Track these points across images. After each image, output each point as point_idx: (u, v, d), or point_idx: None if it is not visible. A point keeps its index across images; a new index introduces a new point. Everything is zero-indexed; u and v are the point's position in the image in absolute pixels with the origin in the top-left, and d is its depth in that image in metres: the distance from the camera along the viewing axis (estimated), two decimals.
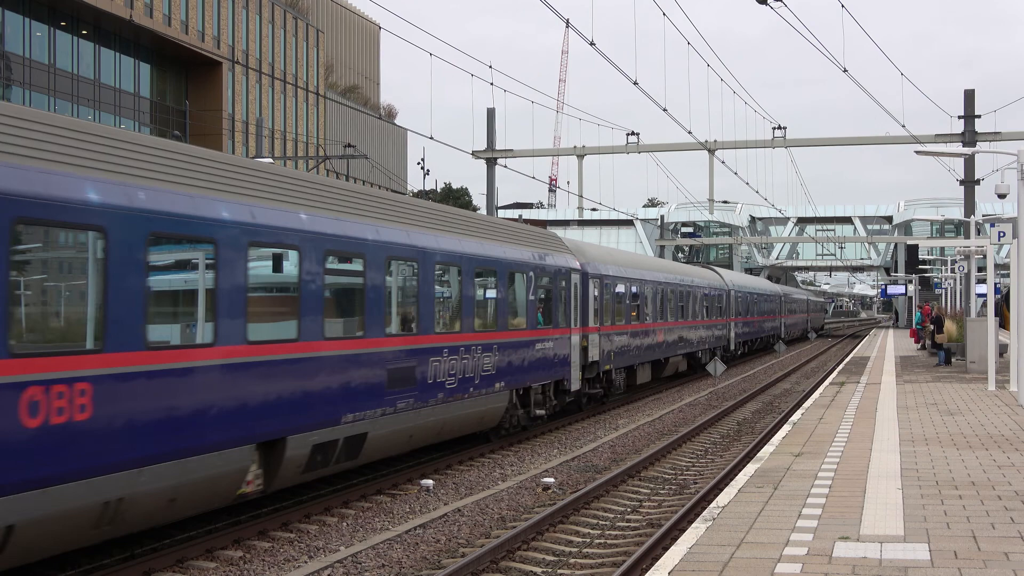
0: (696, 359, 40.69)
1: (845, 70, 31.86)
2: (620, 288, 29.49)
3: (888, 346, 57.16)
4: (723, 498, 12.41)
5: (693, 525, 11.02)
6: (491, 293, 20.03)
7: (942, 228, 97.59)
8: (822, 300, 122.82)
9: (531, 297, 21.57)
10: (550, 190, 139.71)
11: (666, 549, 10.47)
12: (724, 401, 30.87)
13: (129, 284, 10.55)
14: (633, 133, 49.42)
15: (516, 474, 17.96)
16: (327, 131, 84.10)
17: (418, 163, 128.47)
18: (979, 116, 40.90)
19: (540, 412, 22.52)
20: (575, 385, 24.50)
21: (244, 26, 74.57)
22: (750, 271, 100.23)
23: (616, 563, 11.92)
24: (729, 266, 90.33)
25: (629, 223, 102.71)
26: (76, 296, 10.65)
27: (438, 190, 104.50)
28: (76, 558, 11.33)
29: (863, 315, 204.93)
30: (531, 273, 21.60)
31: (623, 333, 29.19)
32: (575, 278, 24.69)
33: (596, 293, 26.54)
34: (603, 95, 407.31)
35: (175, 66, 68.10)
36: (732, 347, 48.11)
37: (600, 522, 14.38)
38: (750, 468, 14.66)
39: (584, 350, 25.29)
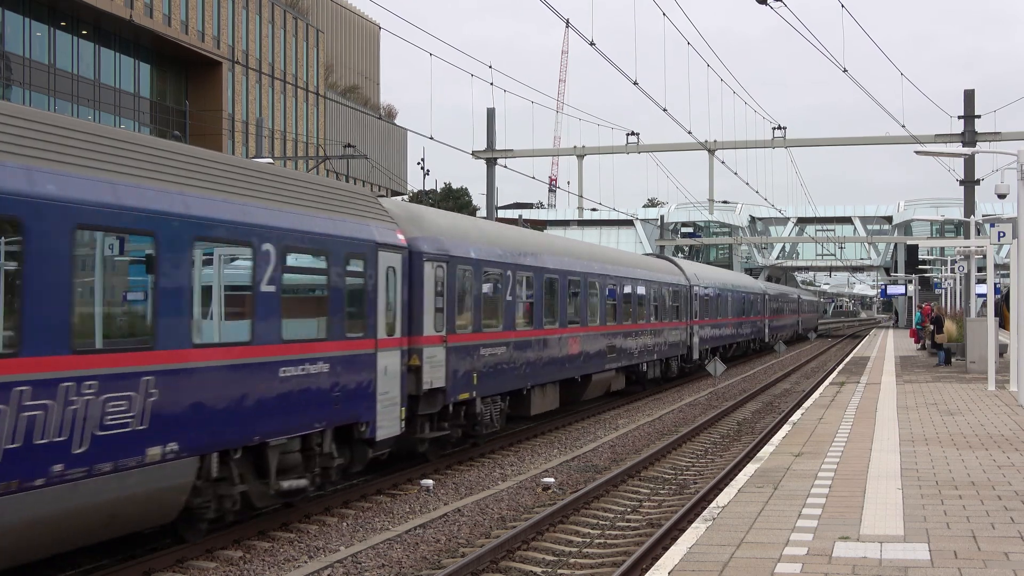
0: (640, 373, 31.91)
1: (845, 70, 31.89)
2: (493, 278, 20.38)
3: (888, 346, 57.18)
4: (723, 498, 12.42)
5: (693, 525, 11.03)
6: (140, 281, 11.29)
7: (942, 228, 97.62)
8: (816, 299, 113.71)
9: (267, 288, 12.73)
10: (550, 190, 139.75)
11: (666, 549, 10.48)
12: (724, 401, 30.87)
13: None
14: (633, 133, 49.47)
15: (516, 474, 17.97)
16: (327, 131, 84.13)
17: (418, 163, 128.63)
18: (979, 116, 40.95)
19: (297, 484, 13.54)
20: (387, 429, 15.58)
21: (244, 26, 74.60)
22: (750, 271, 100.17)
23: (616, 563, 11.93)
24: (729, 266, 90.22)
25: (629, 223, 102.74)
26: None
27: (438, 190, 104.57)
28: (76, 558, 11.33)
29: (863, 315, 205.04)
30: (268, 246, 12.73)
31: (497, 344, 20.18)
32: (389, 260, 15.76)
33: (441, 285, 17.83)
34: (603, 95, 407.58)
35: (175, 66, 68.12)
36: (696, 355, 38.92)
37: (600, 522, 14.39)
38: (750, 468, 14.67)
39: (415, 372, 16.83)
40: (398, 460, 17.75)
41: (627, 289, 30.16)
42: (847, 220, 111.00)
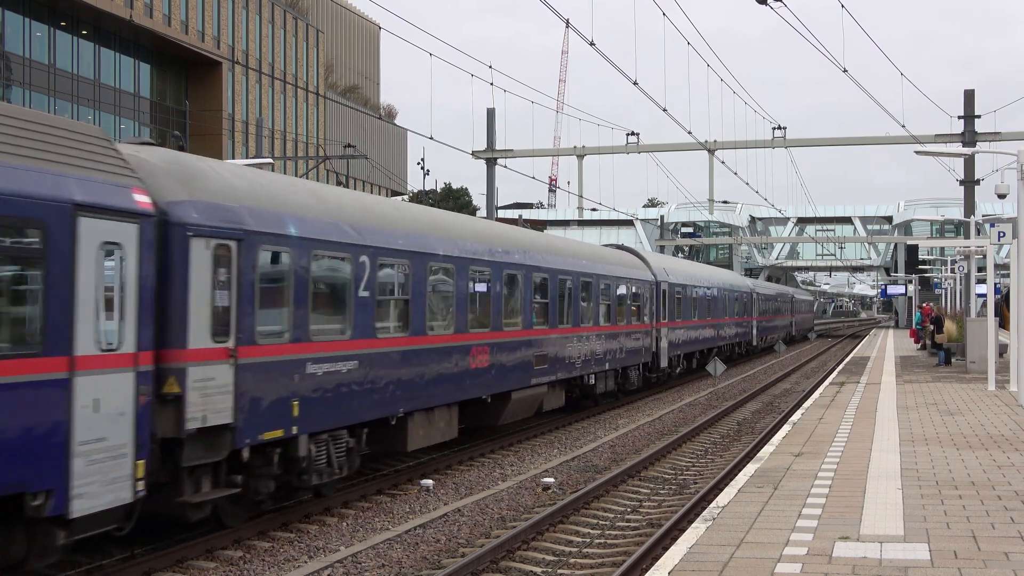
0: (586, 387, 26.40)
1: (845, 70, 31.89)
2: (334, 266, 14.80)
3: (888, 346, 57.19)
4: (723, 498, 12.42)
5: (693, 525, 11.03)
6: None
7: (942, 228, 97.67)
8: (812, 299, 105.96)
9: None
10: (550, 190, 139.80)
11: (666, 549, 10.48)
12: (724, 401, 30.87)
13: None
14: (633, 133, 49.46)
15: (516, 474, 17.97)
16: (327, 131, 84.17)
17: (418, 163, 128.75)
18: (979, 116, 40.97)
19: None
20: (98, 498, 10.29)
21: (244, 26, 74.63)
22: (750, 272, 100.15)
23: (616, 563, 11.93)
24: (729, 266, 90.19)
25: (629, 223, 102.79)
26: None
27: (438, 190, 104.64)
28: (76, 558, 11.33)
29: (863, 315, 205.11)
30: None
31: (339, 358, 14.46)
32: (106, 232, 10.58)
33: (229, 272, 12.28)
34: (603, 95, 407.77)
35: (175, 66, 68.15)
36: (663, 363, 33.46)
37: (600, 522, 14.39)
38: (750, 468, 14.68)
39: (173, 403, 11.44)
40: (160, 532, 12.55)
41: (566, 284, 24.38)
42: (847, 220, 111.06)
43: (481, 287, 19.70)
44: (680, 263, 44.04)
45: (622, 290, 29.30)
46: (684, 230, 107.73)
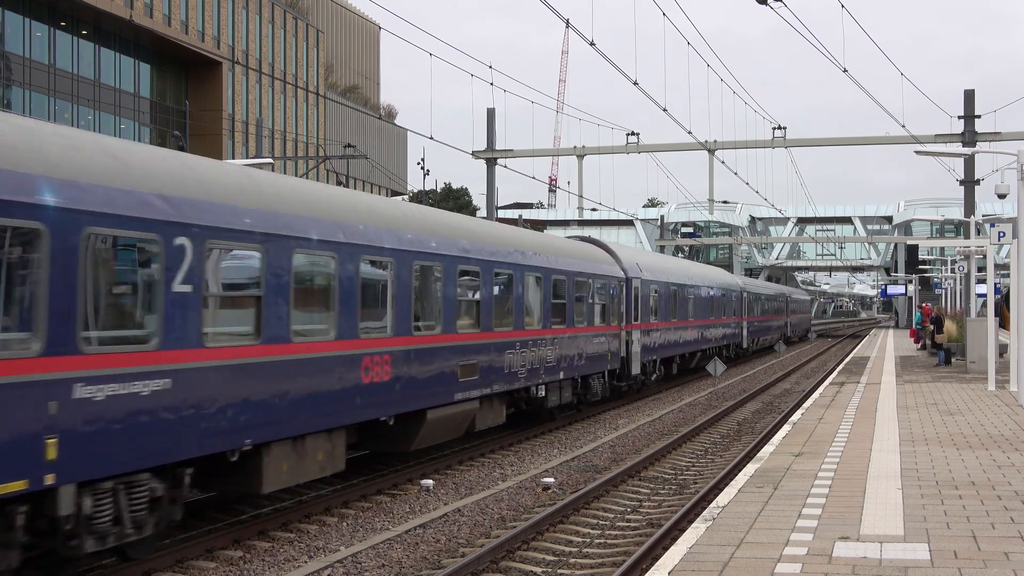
0: (534, 400, 22.50)
1: (845, 70, 31.91)
2: (128, 252, 10.97)
3: (888, 346, 57.19)
4: (723, 498, 12.42)
5: (693, 525, 11.03)
6: None
7: (942, 228, 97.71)
8: (808, 299, 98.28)
9: None
10: (550, 190, 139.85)
11: (666, 549, 10.48)
12: (724, 401, 30.87)
13: None
14: (633, 133, 49.49)
15: (516, 474, 17.97)
16: (327, 131, 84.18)
17: (418, 163, 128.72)
18: (979, 116, 40.97)
19: None
20: None
21: (244, 26, 74.65)
22: (750, 272, 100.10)
23: (616, 563, 11.93)
24: (729, 266, 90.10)
25: (629, 223, 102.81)
26: None
27: (438, 190, 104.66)
28: (77, 557, 11.31)
29: (863, 315, 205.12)
30: None
31: (135, 376, 10.47)
32: None
33: None
34: (603, 95, 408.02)
35: (175, 66, 68.16)
36: (635, 370, 29.61)
37: (600, 522, 14.39)
38: (750, 468, 14.67)
39: None
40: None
41: (504, 279, 20.60)
42: (847, 220, 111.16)
43: (379, 282, 15.64)
44: (657, 258, 39.91)
45: (583, 287, 25.30)
46: (684, 230, 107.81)
